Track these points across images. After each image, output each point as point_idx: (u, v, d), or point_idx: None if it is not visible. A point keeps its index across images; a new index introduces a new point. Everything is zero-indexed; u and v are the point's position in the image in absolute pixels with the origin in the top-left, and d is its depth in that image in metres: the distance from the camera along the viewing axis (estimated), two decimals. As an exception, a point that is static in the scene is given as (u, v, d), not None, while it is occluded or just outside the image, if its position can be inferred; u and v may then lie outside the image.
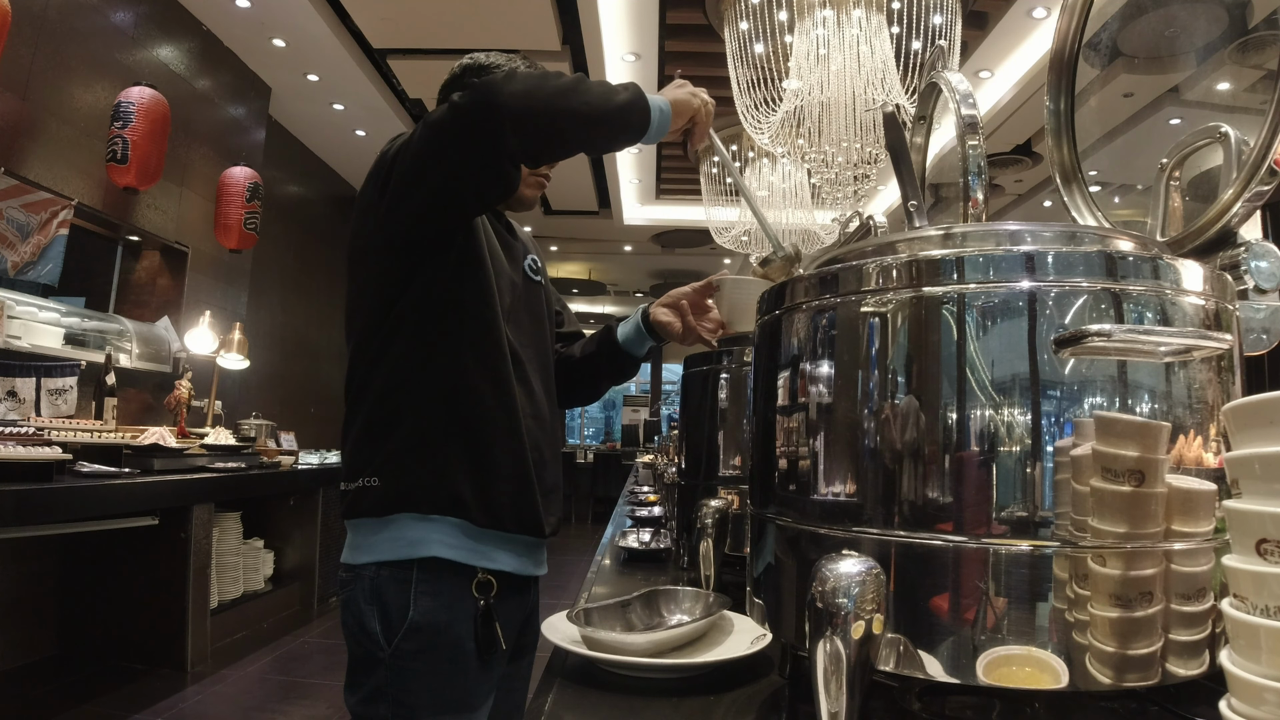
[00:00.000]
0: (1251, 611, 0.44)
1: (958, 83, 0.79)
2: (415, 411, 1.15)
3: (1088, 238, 0.66)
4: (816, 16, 3.24)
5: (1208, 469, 0.58)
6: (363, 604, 1.13)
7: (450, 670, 1.13)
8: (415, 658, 1.11)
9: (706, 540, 1.22)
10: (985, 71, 5.46)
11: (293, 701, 3.40)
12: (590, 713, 0.83)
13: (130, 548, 3.61)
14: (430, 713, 1.11)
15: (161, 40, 4.68)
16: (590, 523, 10.01)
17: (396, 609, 1.11)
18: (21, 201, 3.72)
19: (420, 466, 1.14)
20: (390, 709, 1.10)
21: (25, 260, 3.78)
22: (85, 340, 4.21)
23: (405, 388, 1.16)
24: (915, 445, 0.59)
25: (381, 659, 1.11)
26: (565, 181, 7.90)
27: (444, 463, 1.14)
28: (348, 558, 1.18)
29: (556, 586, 5.58)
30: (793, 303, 0.71)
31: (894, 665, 0.58)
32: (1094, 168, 1.12)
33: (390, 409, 1.16)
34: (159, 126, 4.20)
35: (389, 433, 1.15)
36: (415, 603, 1.11)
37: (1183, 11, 1.12)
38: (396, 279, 1.17)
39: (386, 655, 1.11)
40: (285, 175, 6.51)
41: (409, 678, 1.11)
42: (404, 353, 1.17)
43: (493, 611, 1.16)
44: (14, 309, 3.69)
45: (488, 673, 1.17)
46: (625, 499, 3.36)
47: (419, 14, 4.94)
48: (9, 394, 3.51)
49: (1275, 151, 0.73)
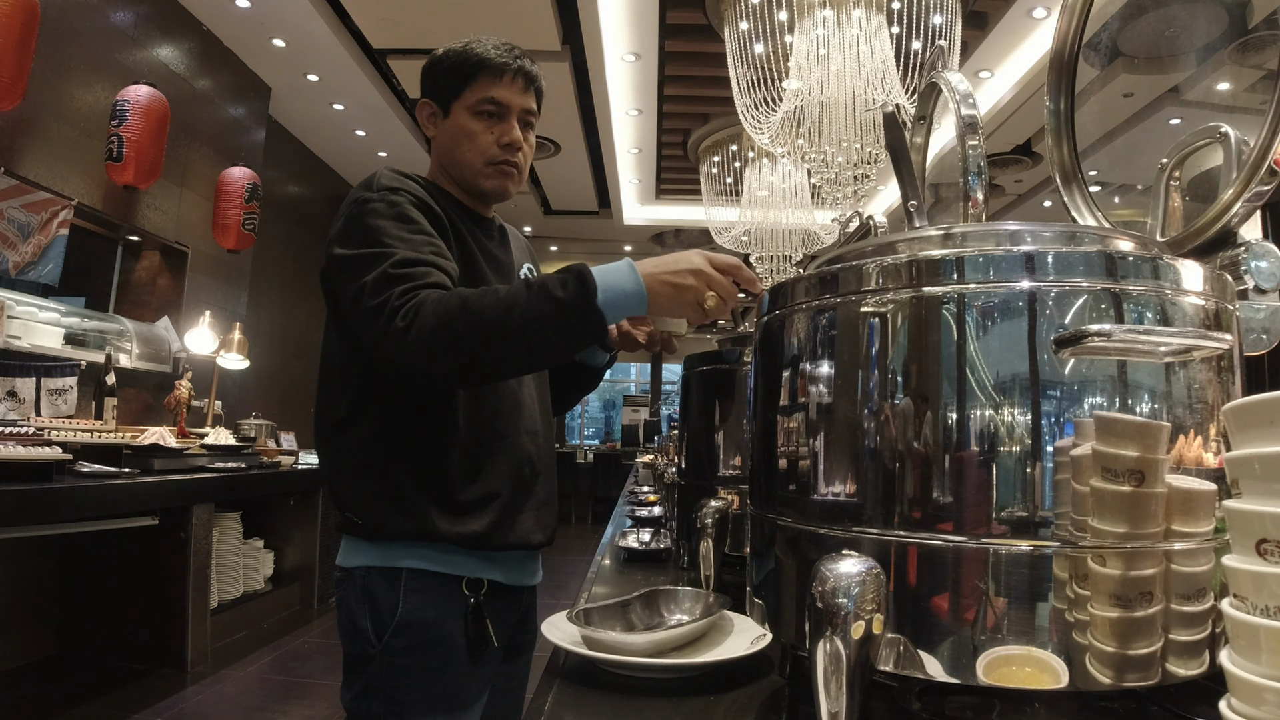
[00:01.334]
0: (1251, 611, 0.44)
1: (958, 83, 0.79)
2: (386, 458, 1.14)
3: (1088, 238, 0.66)
4: (816, 16, 3.24)
5: (1208, 469, 0.58)
6: (354, 603, 1.14)
7: (440, 667, 1.13)
8: (405, 654, 1.11)
9: (706, 540, 1.22)
10: (985, 71, 5.46)
11: (293, 701, 3.40)
12: (590, 713, 0.83)
13: (130, 548, 3.61)
14: (421, 709, 1.11)
15: (161, 40, 4.68)
16: (590, 523, 10.01)
17: (386, 607, 1.12)
18: (22, 201, 3.72)
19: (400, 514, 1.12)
20: (383, 705, 1.11)
21: (26, 260, 3.78)
22: (85, 340, 4.21)
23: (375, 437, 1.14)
24: (915, 445, 0.59)
25: (373, 655, 1.12)
26: (565, 181, 7.91)
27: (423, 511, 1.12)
28: (341, 560, 1.18)
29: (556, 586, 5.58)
30: (793, 303, 0.71)
31: (894, 665, 0.58)
32: (1094, 168, 1.12)
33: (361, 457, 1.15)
34: (157, 124, 4.20)
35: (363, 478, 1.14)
36: (404, 600, 1.12)
37: (1183, 11, 1.12)
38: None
39: (377, 652, 1.12)
40: (285, 175, 6.51)
41: (400, 674, 1.11)
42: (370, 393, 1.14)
43: (483, 609, 1.16)
44: (14, 309, 3.69)
45: (479, 670, 1.17)
46: (625, 499, 3.36)
47: (419, 14, 4.94)
48: (9, 394, 3.51)
49: (1275, 151, 0.73)
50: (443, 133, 1.28)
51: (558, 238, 9.60)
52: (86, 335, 4.24)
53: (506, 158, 1.26)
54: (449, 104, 1.26)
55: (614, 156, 7.05)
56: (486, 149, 1.25)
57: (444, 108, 1.27)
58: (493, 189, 1.28)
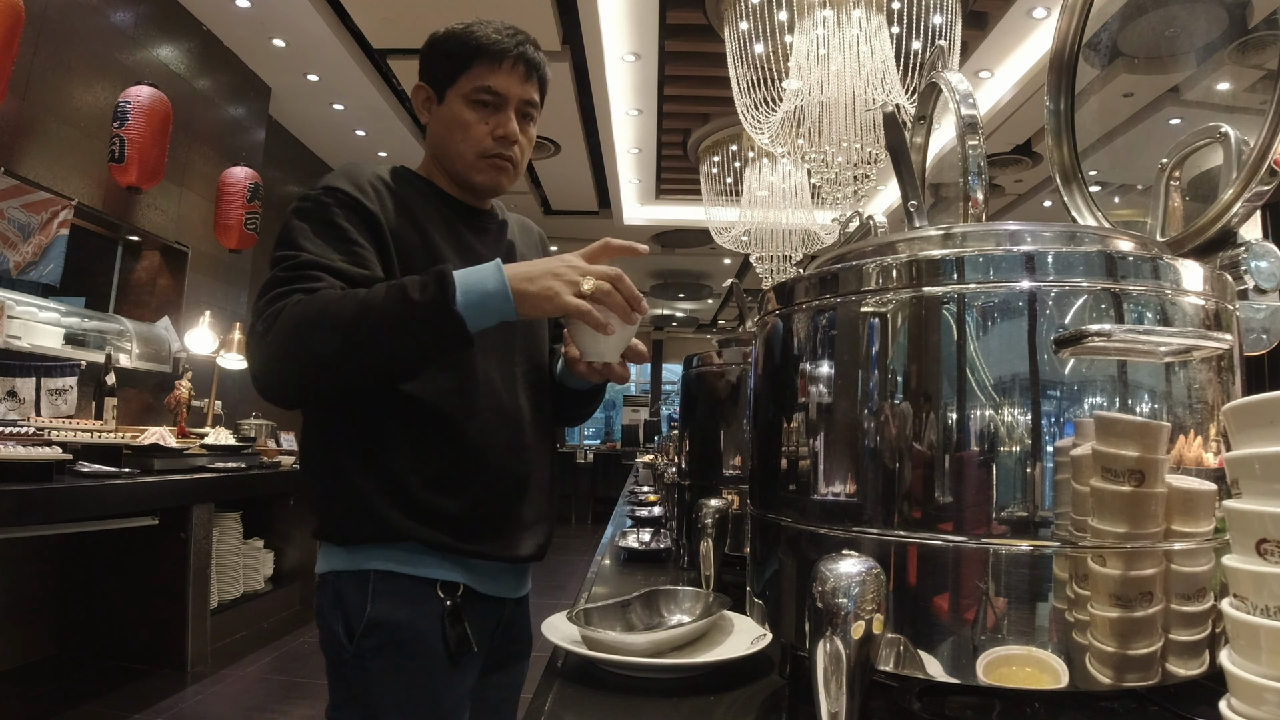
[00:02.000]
0: (1251, 611, 0.44)
1: (958, 83, 0.79)
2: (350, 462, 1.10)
3: (1088, 238, 0.66)
4: (816, 16, 3.24)
5: (1208, 469, 0.58)
6: (327, 608, 1.11)
7: (414, 669, 1.08)
8: (377, 655, 1.07)
9: (706, 540, 1.22)
10: (985, 71, 5.46)
11: (293, 701, 3.40)
12: (590, 713, 0.83)
13: (130, 548, 3.61)
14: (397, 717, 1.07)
15: (161, 40, 4.68)
16: (590, 523, 10.01)
17: (355, 608, 1.09)
18: (22, 201, 3.72)
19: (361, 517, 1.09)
20: (360, 712, 1.07)
21: (26, 260, 3.78)
22: (85, 340, 4.21)
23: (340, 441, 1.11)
24: (915, 445, 0.59)
25: (347, 660, 1.08)
26: (565, 181, 7.91)
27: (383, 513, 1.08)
28: (317, 567, 1.15)
29: (556, 586, 5.58)
30: (793, 303, 0.71)
31: (894, 665, 0.58)
32: (1094, 168, 1.12)
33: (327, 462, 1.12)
34: (160, 125, 4.20)
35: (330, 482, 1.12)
36: (373, 601, 1.08)
37: (1183, 11, 1.12)
38: None
39: (350, 655, 1.08)
40: (285, 175, 6.51)
41: (374, 679, 1.08)
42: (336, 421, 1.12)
43: (461, 612, 1.11)
44: (14, 309, 3.69)
45: (458, 677, 1.12)
46: (625, 499, 3.36)
47: (419, 14, 4.93)
48: (9, 394, 3.51)
49: (1275, 151, 0.73)
50: (436, 120, 1.21)
51: (558, 238, 9.57)
52: (86, 335, 4.24)
53: (500, 151, 1.19)
54: (444, 90, 1.19)
55: (614, 156, 7.04)
56: (480, 141, 1.18)
57: (439, 93, 1.20)
58: (484, 183, 1.22)
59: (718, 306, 12.78)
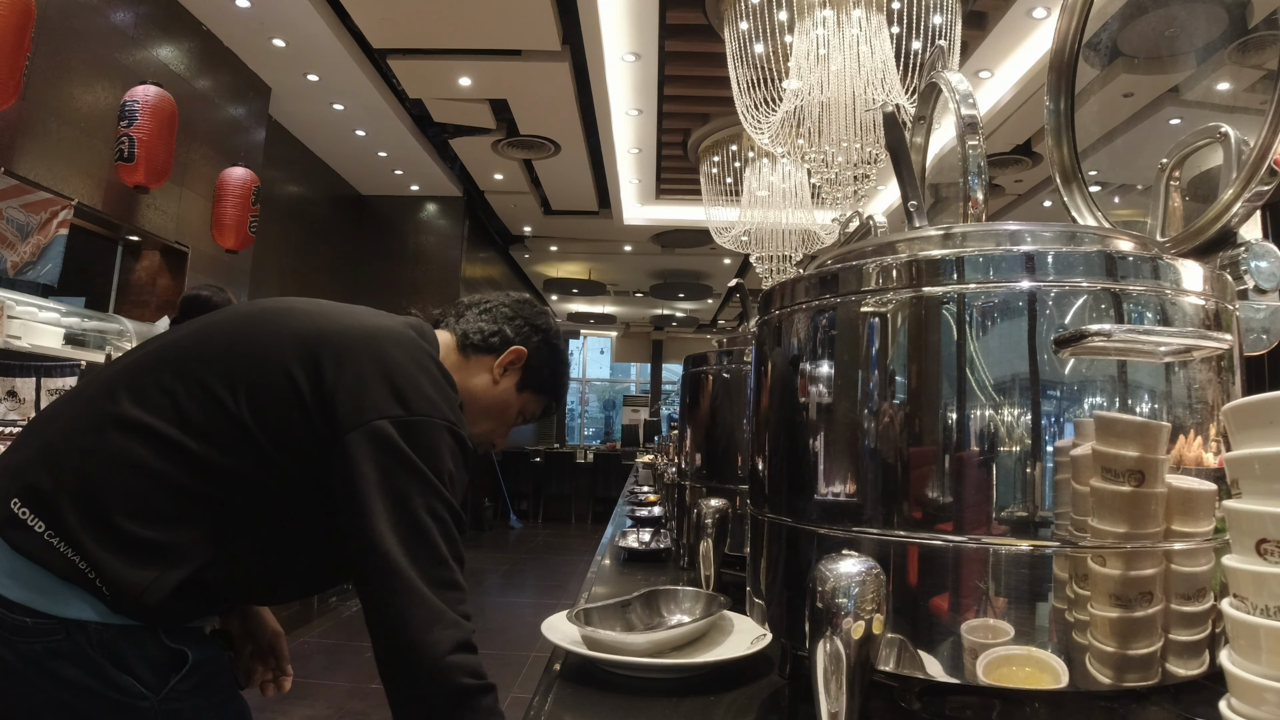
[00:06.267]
0: (1251, 611, 0.44)
1: (958, 83, 0.79)
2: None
3: (1088, 238, 0.66)
4: (816, 16, 3.24)
5: (1208, 469, 0.58)
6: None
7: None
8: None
9: (706, 540, 1.22)
10: (985, 71, 5.46)
11: (293, 701, 3.39)
12: (590, 713, 0.83)
13: (130, 548, 3.60)
14: None
15: (161, 40, 4.68)
16: (590, 523, 10.01)
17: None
18: (21, 201, 3.72)
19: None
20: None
21: (25, 260, 3.78)
22: (85, 340, 4.21)
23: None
24: (915, 445, 0.59)
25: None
26: (565, 181, 7.90)
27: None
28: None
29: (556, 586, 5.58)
30: (793, 303, 0.71)
31: (894, 665, 0.58)
32: (1094, 168, 1.12)
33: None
34: (166, 124, 4.20)
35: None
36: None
37: (1183, 11, 1.12)
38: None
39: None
40: (285, 175, 6.51)
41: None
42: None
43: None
44: (14, 309, 3.68)
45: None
46: (625, 499, 3.36)
47: (419, 14, 4.93)
48: (9, 394, 3.51)
49: (1275, 151, 0.73)
50: (502, 386, 1.25)
51: (558, 238, 9.59)
52: (86, 335, 4.24)
53: (484, 444, 1.31)
54: (525, 388, 1.27)
55: (614, 156, 7.04)
56: (490, 433, 1.29)
57: (522, 384, 1.27)
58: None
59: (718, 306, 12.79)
